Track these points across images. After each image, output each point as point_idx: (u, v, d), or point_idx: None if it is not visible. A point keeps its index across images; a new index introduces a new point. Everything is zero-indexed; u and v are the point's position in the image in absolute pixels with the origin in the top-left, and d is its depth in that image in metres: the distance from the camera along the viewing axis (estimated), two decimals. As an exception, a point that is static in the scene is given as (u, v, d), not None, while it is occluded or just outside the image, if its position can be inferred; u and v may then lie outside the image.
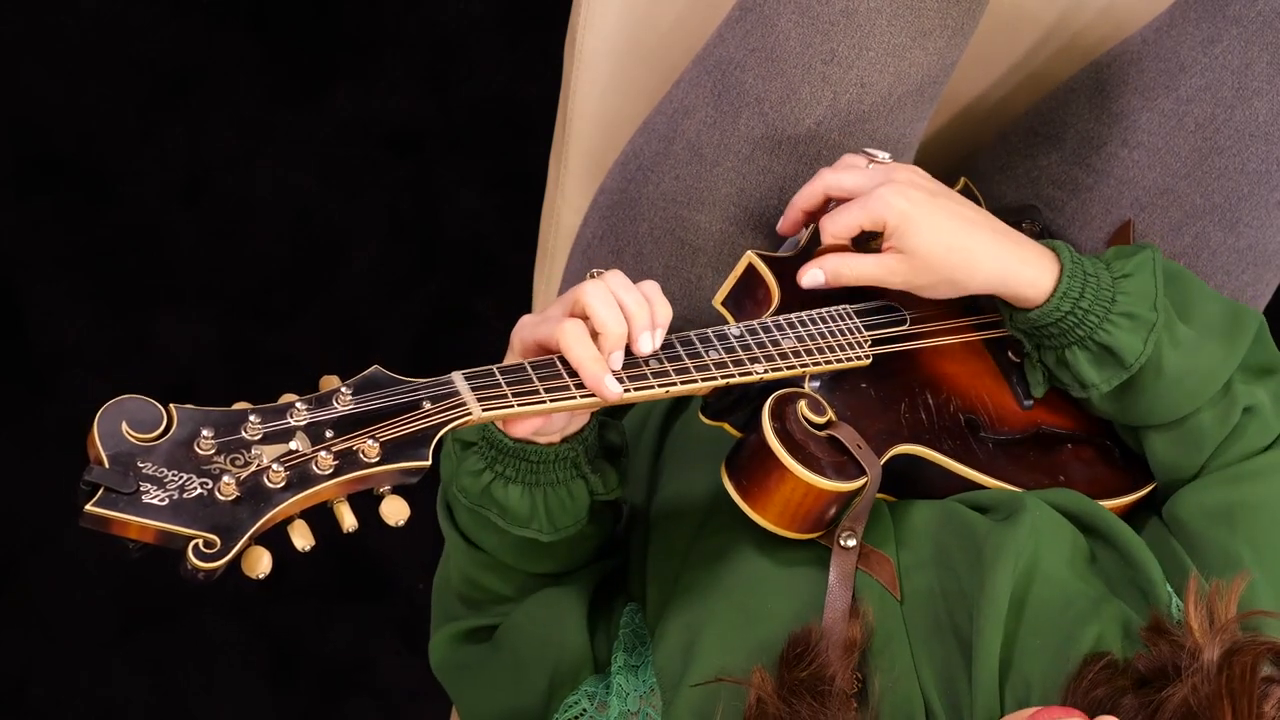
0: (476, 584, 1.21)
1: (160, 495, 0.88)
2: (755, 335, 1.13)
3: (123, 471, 0.88)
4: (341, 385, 0.95)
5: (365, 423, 0.94)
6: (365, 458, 0.93)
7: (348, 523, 0.93)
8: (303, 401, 0.94)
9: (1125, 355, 1.17)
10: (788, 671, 1.04)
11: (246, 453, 0.91)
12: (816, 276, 1.18)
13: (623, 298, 1.05)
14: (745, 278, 1.21)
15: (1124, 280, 1.18)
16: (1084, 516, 1.17)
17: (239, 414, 0.92)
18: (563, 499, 1.14)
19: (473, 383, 0.99)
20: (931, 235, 1.15)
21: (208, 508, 0.88)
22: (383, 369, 0.98)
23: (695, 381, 1.08)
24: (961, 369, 1.23)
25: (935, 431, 1.18)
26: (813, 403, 1.12)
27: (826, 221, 1.18)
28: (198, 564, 0.87)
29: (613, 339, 1.04)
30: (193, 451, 0.90)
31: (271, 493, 0.90)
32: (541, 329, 1.05)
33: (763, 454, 1.10)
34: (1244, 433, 1.20)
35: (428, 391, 0.97)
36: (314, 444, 0.92)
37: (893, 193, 1.16)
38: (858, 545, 1.12)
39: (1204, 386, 1.18)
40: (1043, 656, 1.05)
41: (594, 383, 1.03)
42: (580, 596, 1.19)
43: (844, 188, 1.20)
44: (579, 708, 1.14)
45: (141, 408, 0.90)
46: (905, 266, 1.16)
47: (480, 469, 1.13)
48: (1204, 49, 1.34)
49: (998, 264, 1.16)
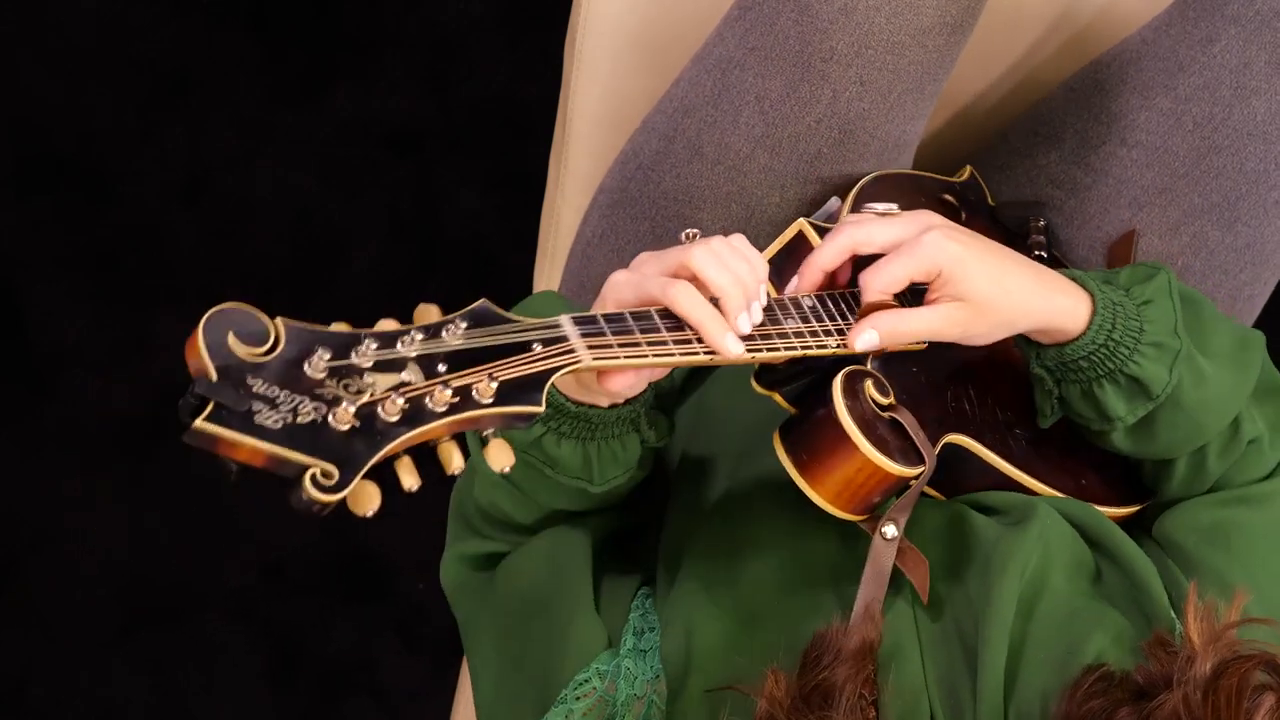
0: (497, 506, 1.20)
1: (274, 417, 0.81)
2: (826, 306, 1.10)
3: (233, 386, 0.81)
4: (455, 317, 0.90)
5: (478, 360, 0.88)
6: (480, 397, 0.87)
7: (455, 464, 0.87)
8: (417, 330, 0.88)
9: (1153, 386, 1.13)
10: (805, 674, 1.03)
11: (360, 379, 0.84)
12: (871, 339, 1.09)
13: (731, 263, 1.03)
14: (793, 244, 1.18)
15: (1146, 308, 1.14)
16: (1091, 530, 1.16)
17: (351, 336, 0.86)
18: (615, 451, 1.13)
19: (581, 328, 0.95)
20: (987, 278, 1.09)
21: (323, 435, 0.82)
22: (490, 304, 0.93)
23: (778, 349, 1.05)
24: (999, 363, 1.21)
25: (979, 424, 1.16)
26: (878, 383, 1.10)
27: (871, 277, 1.10)
28: (315, 495, 0.81)
29: (735, 302, 1.02)
30: (304, 373, 0.83)
31: (387, 425, 0.84)
32: (647, 287, 1.01)
33: (832, 430, 1.07)
34: (1243, 465, 1.19)
35: (538, 334, 0.92)
36: (428, 377, 0.87)
37: (943, 238, 1.09)
38: (898, 538, 1.10)
39: (1217, 419, 1.16)
40: (1046, 669, 1.04)
41: (717, 341, 1.00)
42: (586, 558, 1.17)
43: (876, 242, 1.11)
44: (589, 685, 1.13)
45: (248, 319, 0.83)
46: (965, 314, 1.10)
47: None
48: (1202, 48, 1.34)
49: (1044, 299, 1.12)
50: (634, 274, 1.04)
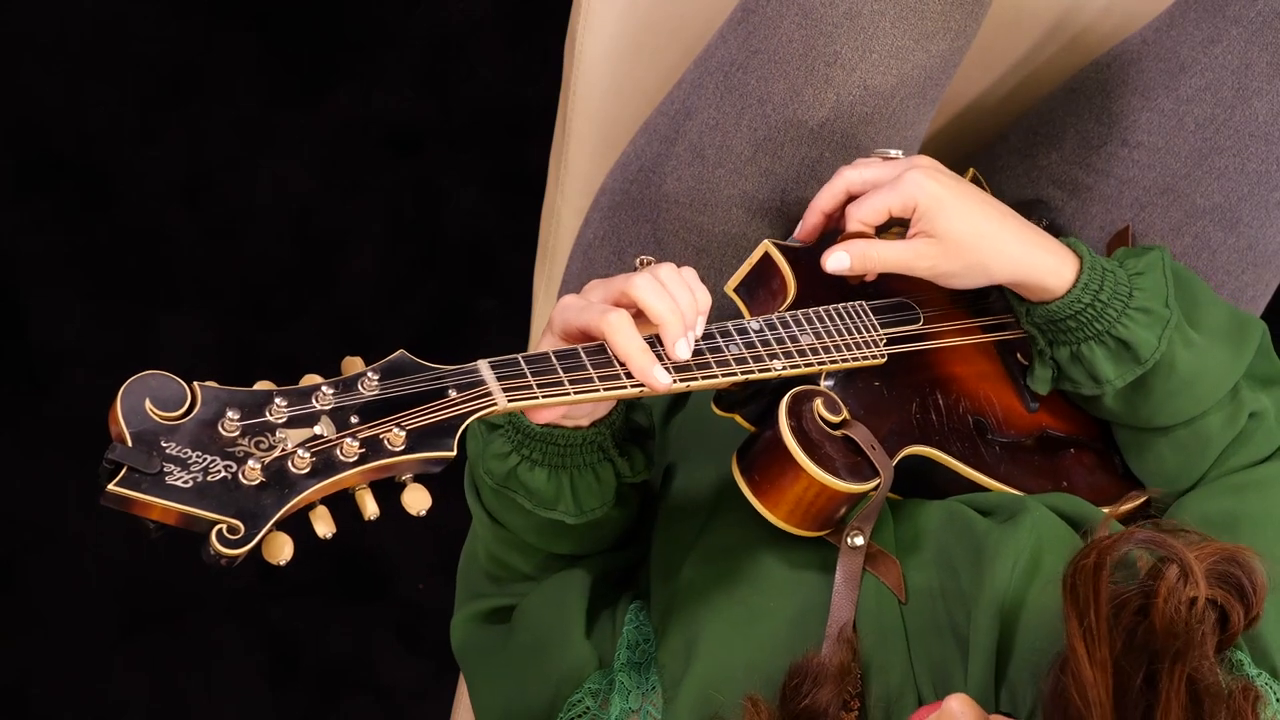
0: (500, 561, 1.22)
1: (184, 477, 0.86)
2: (774, 330, 1.12)
3: (146, 451, 0.86)
4: (368, 370, 0.94)
5: (391, 409, 0.92)
6: (391, 446, 0.91)
7: (370, 510, 0.92)
8: (328, 385, 0.92)
9: (1141, 350, 1.17)
10: (787, 704, 1.04)
11: (271, 436, 0.89)
12: (842, 260, 1.16)
13: (674, 291, 1.05)
14: (760, 267, 1.20)
15: (1138, 277, 1.18)
16: (1084, 522, 1.17)
17: (264, 395, 0.90)
18: (589, 482, 1.14)
19: (498, 371, 0.98)
20: (962, 219, 1.14)
21: (232, 492, 0.87)
22: (408, 354, 0.96)
23: (716, 377, 1.07)
24: (971, 370, 1.23)
25: (945, 433, 1.18)
26: (828, 401, 1.12)
27: (853, 207, 1.17)
28: (221, 550, 0.85)
29: (673, 330, 1.04)
30: (217, 433, 0.88)
31: (296, 479, 0.88)
32: (586, 315, 1.04)
33: (777, 451, 1.09)
34: (1249, 439, 1.20)
35: (454, 379, 0.96)
36: (339, 429, 0.91)
37: (924, 176, 1.14)
38: (865, 545, 1.12)
39: (1213, 389, 1.18)
40: (1038, 654, 1.04)
41: (643, 374, 1.02)
42: (582, 591, 1.19)
43: (866, 180, 1.18)
44: (582, 705, 1.14)
45: (165, 384, 0.88)
46: (935, 250, 1.15)
47: (506, 452, 1.13)
48: (1204, 49, 1.34)
49: (1024, 251, 1.16)
50: (580, 299, 1.06)
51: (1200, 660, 0.94)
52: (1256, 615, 0.99)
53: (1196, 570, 0.96)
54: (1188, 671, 0.93)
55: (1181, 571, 0.96)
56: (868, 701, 1.06)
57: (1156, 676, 0.93)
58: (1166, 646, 0.94)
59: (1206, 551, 0.98)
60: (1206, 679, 0.94)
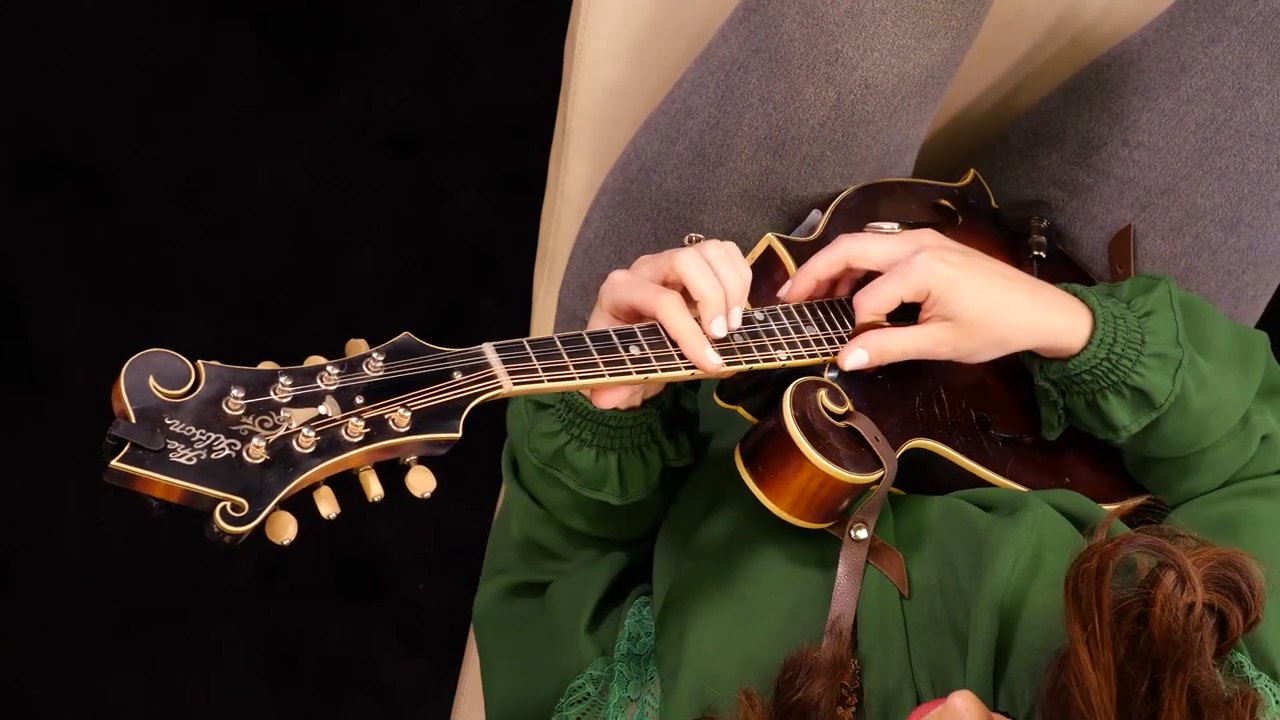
0: (532, 539, 1.22)
1: (188, 454, 0.86)
2: (779, 320, 1.13)
3: (149, 428, 0.86)
4: (373, 351, 0.94)
5: (396, 390, 0.92)
6: (396, 426, 0.91)
7: (374, 491, 0.92)
8: (333, 365, 0.92)
9: (1156, 395, 1.15)
10: (780, 697, 1.04)
11: (275, 415, 0.89)
12: (860, 357, 1.12)
13: (719, 269, 1.05)
14: (763, 260, 1.21)
15: (1147, 319, 1.16)
16: (1085, 519, 1.16)
17: (268, 374, 0.90)
18: (636, 464, 1.15)
19: (503, 355, 0.98)
20: (976, 297, 1.11)
21: (236, 470, 0.86)
22: (413, 336, 0.96)
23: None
24: (974, 365, 1.22)
25: (948, 427, 1.18)
26: (832, 392, 1.12)
27: (863, 298, 1.13)
28: (225, 527, 0.85)
29: (711, 309, 1.04)
30: (221, 411, 0.88)
31: (300, 458, 0.88)
32: (638, 294, 1.04)
33: (781, 441, 1.09)
34: (1258, 461, 1.21)
35: (459, 362, 0.96)
36: (344, 410, 0.90)
37: (933, 259, 1.11)
38: (869, 538, 1.11)
39: (1225, 420, 1.18)
40: (1037, 651, 1.04)
41: (695, 355, 1.03)
42: (601, 586, 1.20)
43: (871, 258, 1.15)
44: (583, 690, 1.15)
45: (169, 362, 0.88)
46: (953, 334, 1.12)
47: (555, 430, 1.13)
48: (1204, 49, 1.34)
49: (1039, 316, 1.14)
50: (631, 275, 1.06)
51: (1200, 669, 0.94)
52: (1256, 619, 0.99)
53: (1194, 575, 0.96)
54: (1189, 681, 0.94)
55: (1179, 577, 0.96)
56: (865, 697, 1.06)
57: (1159, 686, 0.94)
58: (1167, 655, 0.94)
59: (1204, 556, 0.98)
60: (1206, 688, 0.94)
